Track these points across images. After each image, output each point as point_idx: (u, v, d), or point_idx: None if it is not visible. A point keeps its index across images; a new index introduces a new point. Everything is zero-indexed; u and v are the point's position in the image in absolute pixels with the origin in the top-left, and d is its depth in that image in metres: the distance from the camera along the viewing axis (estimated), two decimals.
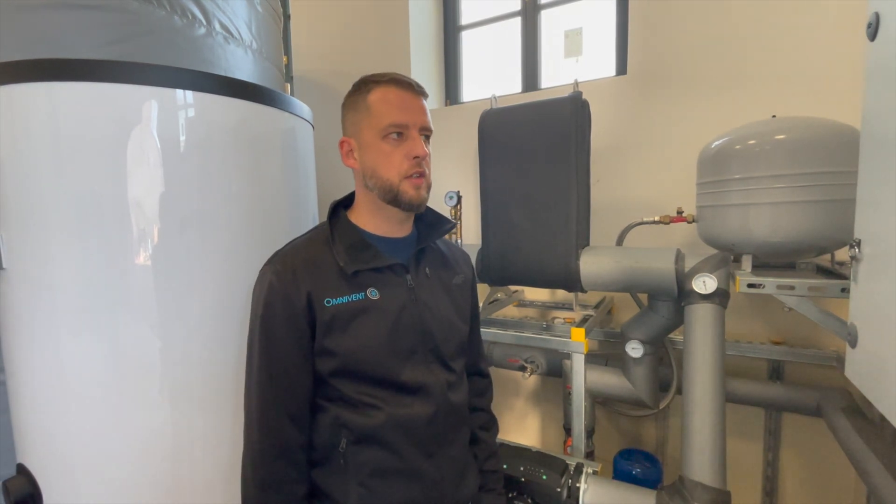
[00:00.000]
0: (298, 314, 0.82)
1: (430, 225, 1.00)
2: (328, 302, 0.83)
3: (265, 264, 0.87)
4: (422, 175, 0.87)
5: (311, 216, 1.39)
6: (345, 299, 0.84)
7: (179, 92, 1.01)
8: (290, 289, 0.82)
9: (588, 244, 1.59)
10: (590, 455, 1.65)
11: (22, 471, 1.05)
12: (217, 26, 1.38)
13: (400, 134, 0.85)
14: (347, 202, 0.96)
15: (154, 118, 0.98)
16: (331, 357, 0.84)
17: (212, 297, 1.07)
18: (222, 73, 1.34)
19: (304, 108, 1.35)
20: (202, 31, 1.34)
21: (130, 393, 1.01)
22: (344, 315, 0.83)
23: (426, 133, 0.88)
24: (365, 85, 0.87)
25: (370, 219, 0.91)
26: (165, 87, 0.99)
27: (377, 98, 0.85)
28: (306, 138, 1.37)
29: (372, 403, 0.85)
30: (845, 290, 1.19)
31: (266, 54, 1.62)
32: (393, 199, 0.86)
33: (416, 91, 0.87)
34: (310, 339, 0.84)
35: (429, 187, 0.89)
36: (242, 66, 1.48)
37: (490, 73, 2.61)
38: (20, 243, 0.97)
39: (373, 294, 0.86)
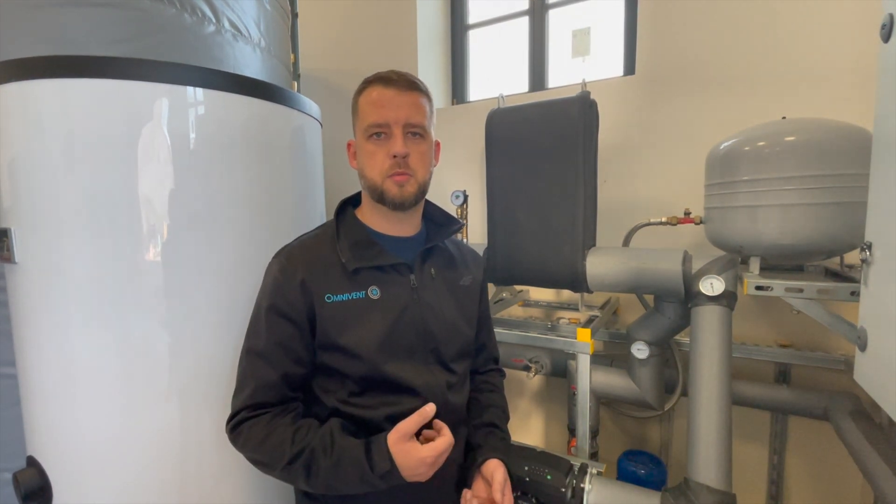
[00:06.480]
0: (300, 309, 0.83)
1: (439, 225, 1.00)
2: (328, 298, 0.83)
3: (273, 257, 0.88)
4: (405, 173, 0.84)
5: (319, 214, 1.40)
6: (345, 297, 0.84)
7: (190, 89, 1.01)
8: (294, 283, 0.83)
9: (595, 244, 1.58)
10: (594, 456, 1.65)
11: (32, 463, 1.06)
12: (226, 24, 1.39)
13: (383, 133, 0.84)
14: (357, 200, 0.97)
15: (165, 115, 0.99)
16: (328, 353, 0.84)
17: (220, 293, 1.08)
18: (231, 71, 1.35)
19: (312, 106, 1.35)
20: (211, 28, 1.34)
21: (139, 387, 1.01)
22: (343, 312, 0.84)
23: (413, 129, 0.85)
24: (360, 87, 0.89)
25: (375, 218, 0.92)
26: (176, 84, 0.99)
27: (363, 99, 0.87)
28: (314, 136, 1.38)
29: (369, 402, 0.85)
30: (854, 294, 1.18)
31: (274, 52, 1.63)
32: (379, 198, 0.86)
33: (404, 87, 0.84)
34: (310, 334, 0.84)
35: (420, 184, 0.87)
36: (251, 63, 1.49)
37: (497, 73, 2.60)
38: (32, 238, 0.98)
39: (374, 293, 0.86)
